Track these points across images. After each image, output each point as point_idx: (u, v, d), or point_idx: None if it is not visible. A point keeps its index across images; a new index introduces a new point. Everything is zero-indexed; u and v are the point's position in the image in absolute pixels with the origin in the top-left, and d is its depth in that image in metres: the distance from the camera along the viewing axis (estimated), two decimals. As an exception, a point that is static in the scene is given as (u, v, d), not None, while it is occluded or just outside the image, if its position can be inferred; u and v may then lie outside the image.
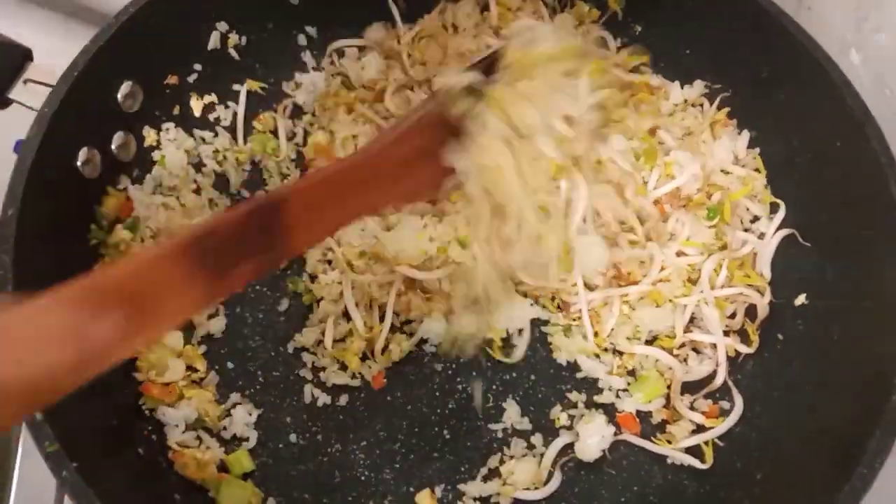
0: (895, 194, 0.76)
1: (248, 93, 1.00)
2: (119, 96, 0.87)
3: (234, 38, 0.98)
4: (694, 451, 0.85)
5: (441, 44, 1.01)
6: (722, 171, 0.95)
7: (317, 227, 0.64)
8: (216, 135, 0.98)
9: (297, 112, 1.02)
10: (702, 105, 1.00)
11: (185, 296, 0.52)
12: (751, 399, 0.87)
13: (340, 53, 1.04)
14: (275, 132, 1.00)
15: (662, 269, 0.90)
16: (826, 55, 0.84)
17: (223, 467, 0.82)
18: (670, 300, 0.90)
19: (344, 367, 0.88)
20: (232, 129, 0.99)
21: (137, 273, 0.51)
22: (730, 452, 0.85)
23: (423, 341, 0.90)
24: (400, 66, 1.02)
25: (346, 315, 0.89)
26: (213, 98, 0.99)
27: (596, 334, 0.90)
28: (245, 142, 0.99)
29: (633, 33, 1.02)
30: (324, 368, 0.89)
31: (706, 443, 0.85)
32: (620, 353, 0.91)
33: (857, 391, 0.75)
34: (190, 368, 0.87)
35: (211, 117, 0.99)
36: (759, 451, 0.83)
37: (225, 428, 0.85)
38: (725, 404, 0.88)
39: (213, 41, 0.97)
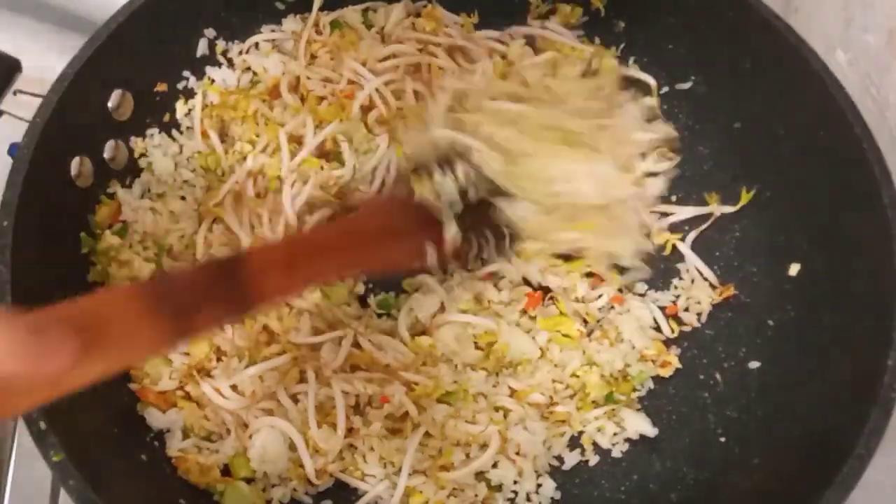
0: (879, 179, 0.78)
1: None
2: (110, 105, 0.87)
3: (221, 44, 0.99)
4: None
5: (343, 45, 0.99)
6: None
7: (281, 280, 0.68)
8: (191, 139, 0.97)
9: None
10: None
11: (141, 333, 0.55)
12: (745, 386, 0.88)
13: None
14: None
15: None
16: (807, 45, 0.85)
17: (227, 471, 0.82)
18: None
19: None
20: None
21: (94, 308, 0.54)
22: (727, 439, 0.86)
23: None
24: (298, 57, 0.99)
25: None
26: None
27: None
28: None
29: (616, 30, 1.04)
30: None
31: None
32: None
33: (849, 374, 0.76)
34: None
35: (184, 124, 0.97)
36: (755, 437, 0.84)
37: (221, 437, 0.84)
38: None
39: (202, 48, 0.97)
